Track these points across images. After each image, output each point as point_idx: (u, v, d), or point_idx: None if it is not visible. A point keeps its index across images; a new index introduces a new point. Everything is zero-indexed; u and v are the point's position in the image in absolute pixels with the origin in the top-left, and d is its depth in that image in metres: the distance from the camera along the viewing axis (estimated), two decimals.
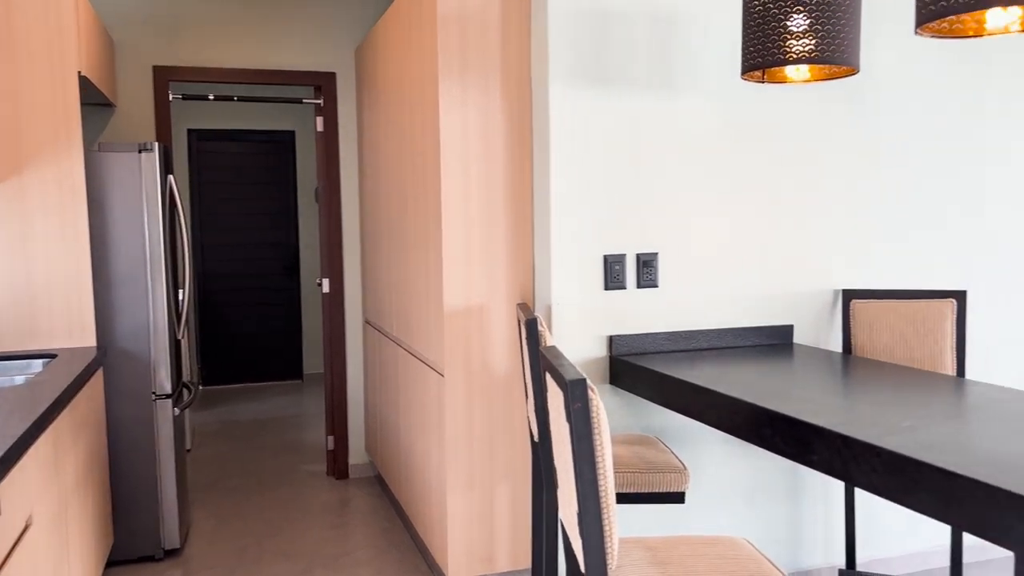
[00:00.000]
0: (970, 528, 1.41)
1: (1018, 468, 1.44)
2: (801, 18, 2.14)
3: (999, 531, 1.35)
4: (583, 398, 1.38)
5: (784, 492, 2.92)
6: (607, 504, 1.40)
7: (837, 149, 2.88)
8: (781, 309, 2.86)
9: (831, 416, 1.82)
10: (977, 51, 3.00)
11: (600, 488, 1.39)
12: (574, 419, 1.38)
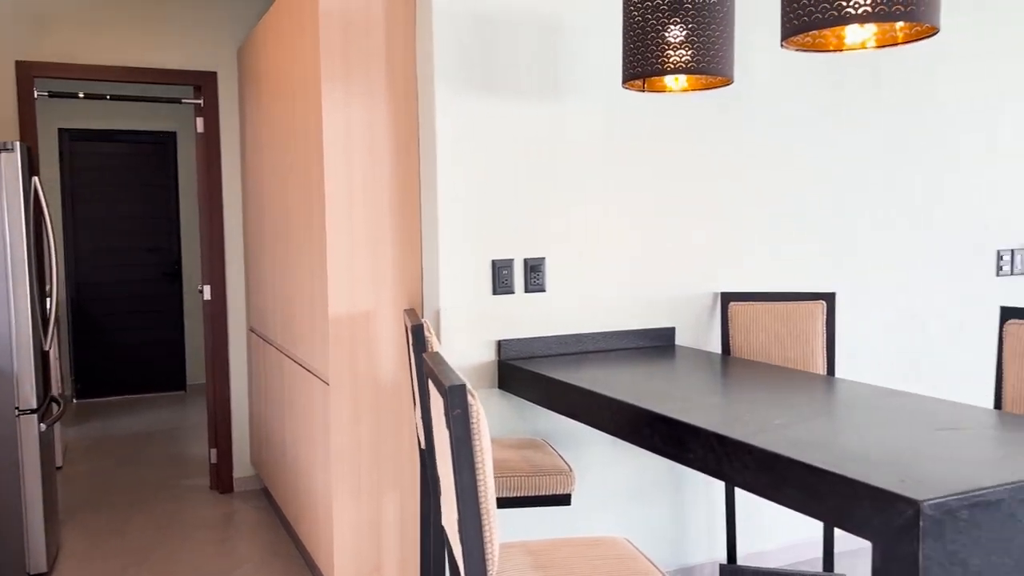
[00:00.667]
0: (834, 521, 1.47)
1: (876, 462, 1.51)
2: (678, 30, 2.20)
3: (858, 523, 1.41)
4: (462, 404, 1.37)
5: (669, 491, 2.99)
6: (487, 510, 1.39)
7: (718, 157, 2.98)
8: (664, 312, 2.94)
9: (707, 415, 1.87)
10: (838, 63, 3.16)
11: (480, 494, 1.39)
12: (453, 425, 1.37)
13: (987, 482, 1.38)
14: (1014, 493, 1.38)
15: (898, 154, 3.28)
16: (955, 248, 3.41)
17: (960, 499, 1.33)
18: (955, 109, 3.36)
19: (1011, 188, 3.51)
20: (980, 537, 1.35)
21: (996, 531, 1.36)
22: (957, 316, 3.44)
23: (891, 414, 1.88)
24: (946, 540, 1.32)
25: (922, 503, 1.30)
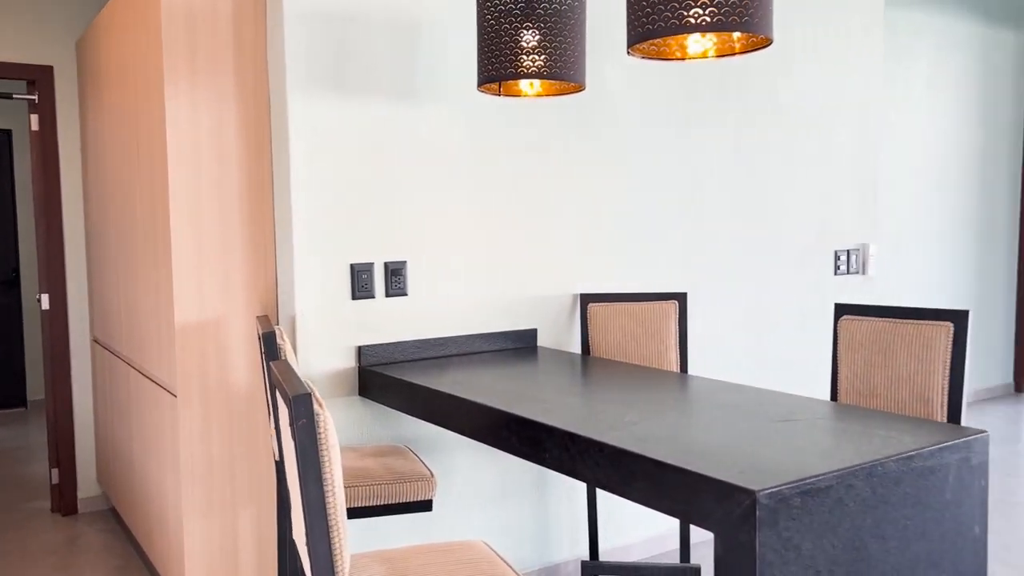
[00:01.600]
0: (680, 514, 1.52)
1: (719, 455, 1.57)
2: (531, 35, 2.23)
3: (702, 515, 1.46)
4: (308, 414, 1.33)
5: (533, 492, 3.02)
6: (336, 522, 1.35)
7: (576, 161, 3.03)
8: (526, 314, 2.96)
9: (562, 415, 1.90)
10: (688, 73, 3.29)
11: (328, 506, 1.34)
12: (299, 436, 1.32)
13: (817, 470, 1.46)
14: (842, 479, 1.46)
15: (745, 160, 3.44)
16: (797, 249, 3.62)
17: (793, 487, 1.40)
18: (795, 118, 3.57)
19: (845, 193, 3.75)
20: (812, 522, 1.42)
21: (826, 516, 1.44)
22: (799, 313, 3.64)
23: (735, 408, 1.96)
24: (780, 527, 1.38)
25: (758, 493, 1.35)
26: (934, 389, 2.35)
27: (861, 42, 3.74)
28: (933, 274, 5.63)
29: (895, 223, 5.40)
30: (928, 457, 1.60)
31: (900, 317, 2.40)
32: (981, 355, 5.98)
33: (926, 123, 5.48)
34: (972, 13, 5.66)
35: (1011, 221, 6.08)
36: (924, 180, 5.51)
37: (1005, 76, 5.92)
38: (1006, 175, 6.01)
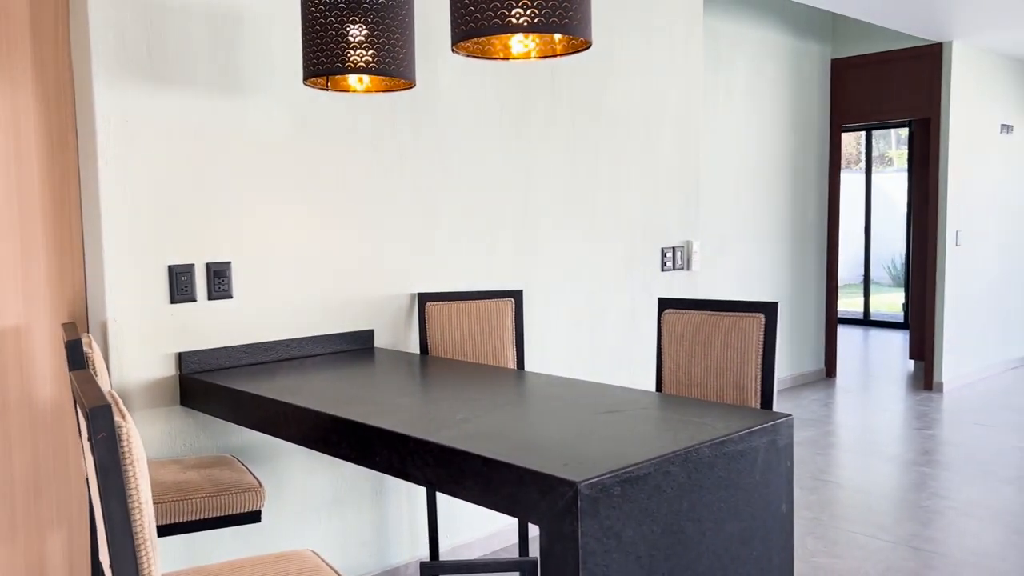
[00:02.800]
0: (508, 509, 1.53)
1: (545, 449, 1.59)
2: (358, 29, 2.18)
3: (528, 509, 1.48)
4: (108, 427, 1.23)
5: (370, 496, 2.97)
6: (144, 541, 1.26)
7: (410, 158, 3.00)
8: (362, 314, 2.91)
9: (393, 417, 1.87)
10: (521, 73, 3.34)
11: (134, 524, 1.26)
12: (98, 450, 1.23)
13: (637, 458, 1.51)
14: (659, 466, 1.52)
15: (576, 160, 3.53)
16: (626, 247, 3.75)
17: (613, 477, 1.44)
18: (622, 120, 3.70)
19: (670, 193, 3.93)
20: (632, 510, 1.47)
21: (645, 502, 1.50)
22: (629, 308, 3.78)
23: (565, 402, 2.00)
24: (601, 516, 1.42)
25: (579, 484, 1.38)
26: (748, 377, 2.50)
27: (683, 49, 3.93)
28: (753, 269, 6.01)
29: (718, 222, 5.72)
30: (739, 441, 1.70)
31: (717, 310, 2.54)
32: (797, 344, 6.44)
33: (744, 128, 5.84)
34: (784, 26, 6.09)
35: (820, 220, 6.59)
36: (744, 182, 5.87)
37: (813, 85, 6.41)
38: (815, 177, 6.51)
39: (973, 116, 6.30)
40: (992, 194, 6.63)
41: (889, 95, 6.35)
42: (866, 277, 9.98)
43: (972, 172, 6.36)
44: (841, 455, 4.63)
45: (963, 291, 6.36)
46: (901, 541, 3.39)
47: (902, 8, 5.09)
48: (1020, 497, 3.88)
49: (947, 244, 6.14)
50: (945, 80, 6.02)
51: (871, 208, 9.65)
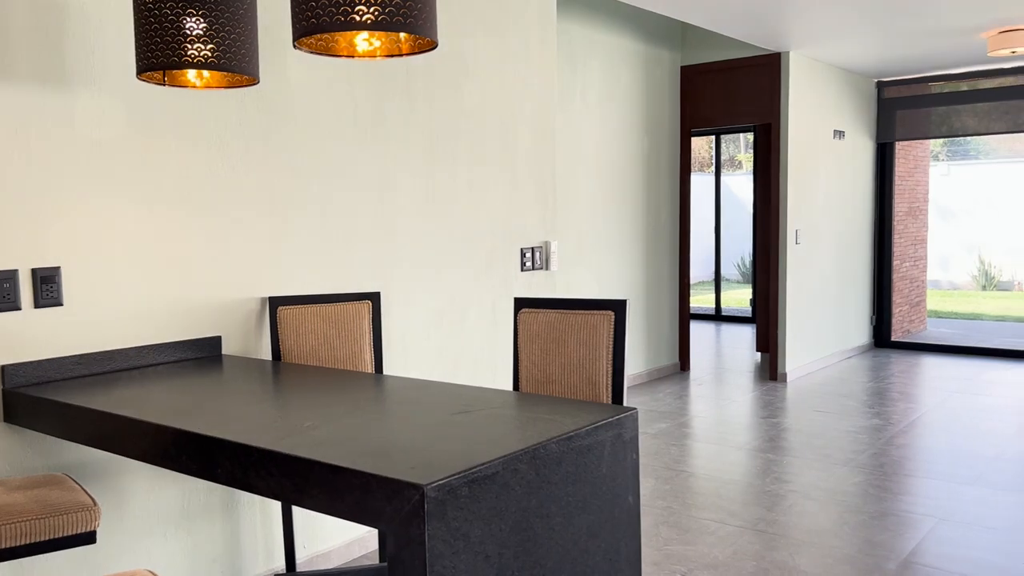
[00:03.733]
0: (355, 517, 1.50)
1: (394, 453, 1.57)
2: (195, 22, 2.09)
3: (375, 515, 1.45)
4: None
5: (222, 509, 2.85)
6: None
7: (259, 157, 2.90)
8: (208, 321, 2.79)
9: (237, 426, 1.80)
10: (376, 72, 3.30)
11: None
12: None
13: (484, 458, 1.51)
14: (507, 464, 1.53)
15: (435, 161, 3.52)
16: (486, 247, 3.78)
17: (461, 478, 1.44)
18: (480, 122, 3.72)
19: (528, 194, 3.98)
20: (480, 510, 1.47)
21: (493, 502, 1.50)
22: (490, 309, 3.81)
23: (419, 405, 1.98)
24: (449, 518, 1.41)
25: (426, 487, 1.37)
26: (600, 372, 2.56)
27: (538, 51, 4.00)
28: (610, 268, 6.19)
29: (577, 222, 5.85)
30: (586, 436, 1.73)
31: (570, 308, 2.59)
32: (653, 340, 6.68)
33: (600, 131, 6.00)
34: (636, 32, 6.30)
35: (672, 220, 6.86)
36: (601, 183, 6.04)
37: (663, 90, 6.66)
38: (668, 179, 6.77)
39: (809, 122, 6.73)
40: (827, 195, 7.10)
41: (735, 101, 6.69)
42: (717, 274, 10.48)
43: (809, 175, 6.79)
44: (694, 445, 4.83)
45: (803, 286, 6.78)
46: (748, 525, 3.57)
47: (743, 19, 5.38)
48: (852, 477, 4.18)
49: (788, 242, 6.53)
50: (784, 88, 6.40)
51: (721, 209, 10.14)
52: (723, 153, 17.49)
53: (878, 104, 7.82)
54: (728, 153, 17.51)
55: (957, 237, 13.86)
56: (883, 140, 7.87)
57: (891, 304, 8.08)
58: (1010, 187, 13.07)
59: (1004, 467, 4.29)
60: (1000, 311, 11.14)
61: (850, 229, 7.57)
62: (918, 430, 5.07)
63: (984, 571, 3.10)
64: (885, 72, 7.45)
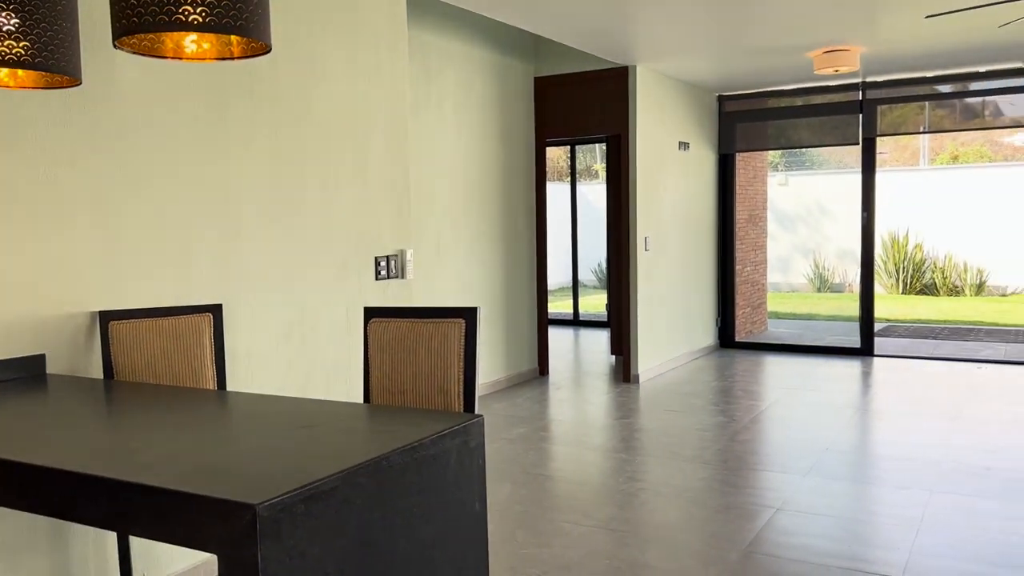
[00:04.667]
0: (186, 541, 1.42)
1: (227, 472, 1.51)
2: (5, 17, 1.94)
3: (206, 539, 1.39)
4: None
5: (48, 537, 2.65)
6: None
7: (87, 163, 2.72)
8: (28, 338, 2.59)
9: (57, 451, 1.67)
10: (217, 75, 3.17)
11: None
12: None
13: (322, 473, 1.47)
14: (346, 479, 1.50)
15: (283, 169, 3.42)
16: (339, 256, 3.70)
17: (296, 495, 1.39)
18: (331, 129, 3.65)
19: (382, 202, 3.94)
20: (318, 526, 1.43)
21: (332, 518, 1.46)
22: (344, 319, 3.73)
23: (259, 420, 1.91)
24: (284, 537, 1.37)
25: (258, 506, 1.32)
26: (452, 381, 2.56)
27: (389, 58, 3.97)
28: (470, 276, 6.21)
29: (435, 230, 5.84)
30: (430, 446, 1.72)
31: (420, 317, 2.58)
32: (513, 346, 6.76)
33: (456, 139, 6.03)
34: (490, 43, 6.37)
35: (529, 228, 6.97)
36: (458, 191, 6.06)
37: (518, 100, 6.77)
38: (524, 188, 6.88)
39: (656, 134, 7.01)
40: (674, 204, 7.42)
41: (587, 112, 6.88)
42: (574, 280, 10.74)
43: (657, 185, 7.07)
44: (551, 448, 4.92)
45: (653, 291, 7.05)
46: (601, 525, 3.67)
47: (592, 33, 5.54)
48: (698, 472, 4.37)
49: (638, 249, 6.78)
50: (632, 100, 6.64)
51: (577, 217, 10.40)
52: (581, 163, 17.97)
53: (719, 117, 8.25)
54: (585, 163, 18.01)
55: (794, 242, 14.81)
56: (725, 151, 8.31)
57: (735, 306, 8.53)
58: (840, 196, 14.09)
59: (835, 458, 4.61)
60: (833, 311, 11.98)
61: (696, 236, 7.94)
62: (759, 425, 5.37)
63: (816, 556, 3.31)
64: (725, 87, 7.87)
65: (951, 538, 3.43)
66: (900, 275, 13.68)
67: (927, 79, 7.31)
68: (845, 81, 7.53)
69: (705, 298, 8.18)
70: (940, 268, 13.50)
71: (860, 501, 3.93)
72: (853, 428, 5.25)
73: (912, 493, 3.97)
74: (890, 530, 3.55)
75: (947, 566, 3.16)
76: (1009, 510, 3.71)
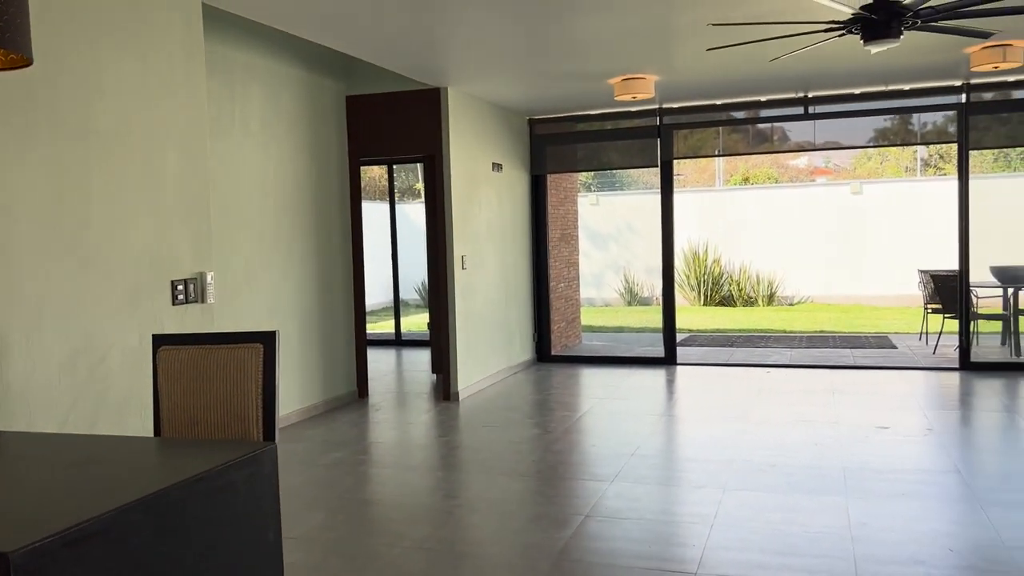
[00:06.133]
0: None
1: None
2: None
3: None
4: None
5: None
6: None
7: None
8: None
9: None
10: None
11: None
12: None
13: (89, 514, 1.39)
14: (118, 518, 1.42)
15: (65, 184, 3.19)
16: (130, 282, 3.49)
17: (57, 539, 1.30)
18: (120, 146, 3.44)
19: (178, 223, 3.76)
20: (84, 572, 1.35)
21: (102, 560, 1.38)
22: (138, 348, 3.52)
23: (30, 461, 1.77)
24: None
25: (11, 554, 1.23)
26: (250, 408, 2.47)
27: (185, 73, 3.80)
28: (284, 297, 6.04)
29: (244, 252, 5.64)
30: (216, 477, 1.66)
31: (215, 343, 2.48)
32: (330, 369, 6.62)
33: (264, 158, 5.86)
34: (298, 60, 6.25)
35: (345, 248, 6.88)
36: (268, 211, 5.88)
37: (330, 119, 6.69)
38: (339, 206, 6.79)
39: (470, 155, 7.14)
40: (489, 223, 7.58)
41: (402, 132, 6.91)
42: (396, 300, 10.69)
43: (472, 204, 7.20)
44: (368, 471, 4.86)
45: (471, 309, 7.15)
46: (415, 545, 3.66)
47: (402, 54, 5.58)
48: (512, 485, 4.47)
49: (456, 267, 6.86)
50: (445, 121, 6.73)
51: (397, 236, 10.38)
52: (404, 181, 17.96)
53: (531, 139, 8.53)
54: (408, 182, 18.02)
55: (606, 259, 15.52)
56: (536, 172, 8.60)
57: (550, 322, 8.81)
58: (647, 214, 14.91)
59: (639, 462, 4.86)
60: (642, 323, 12.65)
61: (512, 254, 8.14)
62: (571, 436, 5.57)
63: (622, 558, 3.47)
64: (535, 110, 8.16)
65: (740, 532, 3.70)
66: (701, 288, 14.67)
67: (723, 106, 7.92)
68: (645, 107, 8.01)
69: (522, 314, 8.39)
70: (736, 281, 14.60)
71: (661, 503, 4.17)
72: (656, 433, 5.56)
73: (707, 492, 4.26)
74: (687, 528, 3.79)
75: (736, 559, 3.41)
76: (790, 503, 4.06)
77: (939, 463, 4.64)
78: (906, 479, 4.36)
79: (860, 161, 17.60)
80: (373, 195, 16.57)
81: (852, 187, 14.55)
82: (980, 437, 5.34)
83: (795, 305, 14.26)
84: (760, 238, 14.44)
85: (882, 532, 3.62)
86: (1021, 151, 14.87)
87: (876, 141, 8.05)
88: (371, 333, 10.27)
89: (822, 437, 5.26)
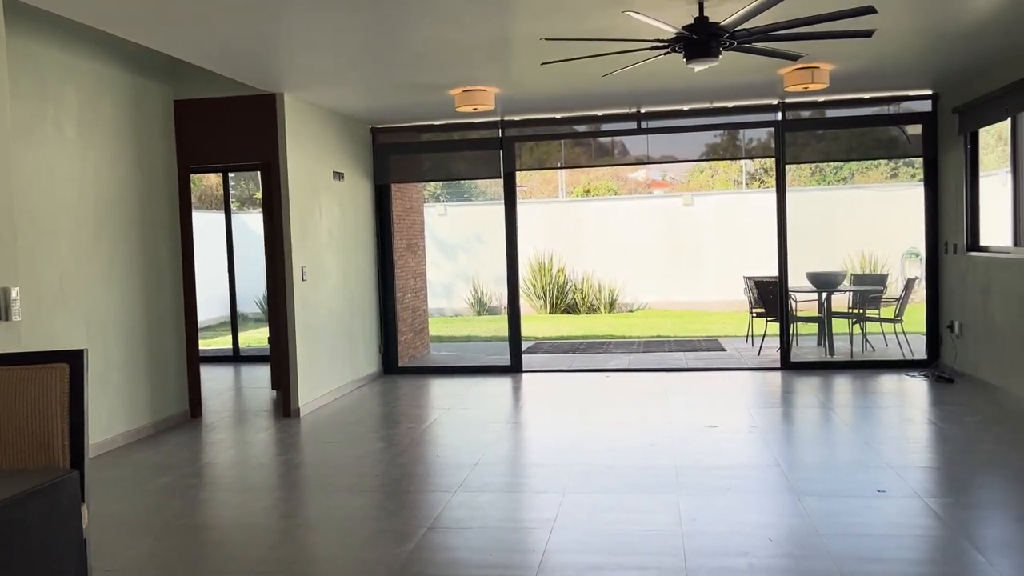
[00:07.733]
0: None
1: None
2: None
3: None
4: None
5: None
6: None
7: None
8: None
9: None
10: None
11: None
12: None
13: None
14: None
15: None
16: None
17: None
18: None
19: None
20: None
21: None
22: None
23: None
24: None
25: None
26: (54, 434, 2.27)
27: None
28: (105, 313, 5.64)
29: (58, 265, 5.23)
30: (5, 512, 1.52)
31: (12, 363, 2.27)
32: (159, 388, 6.25)
33: (81, 165, 5.46)
34: (120, 61, 5.88)
35: (175, 260, 6.53)
36: (86, 221, 5.49)
37: (156, 124, 6.33)
38: (167, 215, 6.43)
39: (308, 163, 6.96)
40: (331, 233, 7.41)
41: (236, 139, 6.63)
42: (233, 314, 10.25)
43: (312, 213, 7.02)
44: (200, 495, 4.62)
45: (312, 321, 6.96)
46: (250, 568, 3.50)
47: (232, 58, 5.36)
48: (354, 501, 4.37)
49: (295, 279, 6.66)
50: (281, 128, 6.53)
51: (233, 247, 9.96)
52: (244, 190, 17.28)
53: (373, 149, 8.42)
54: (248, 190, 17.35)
55: (456, 269, 15.56)
56: (380, 182, 8.49)
57: (397, 333, 8.71)
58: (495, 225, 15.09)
59: (483, 470, 4.88)
60: (491, 332, 12.75)
61: (355, 265, 8.00)
62: (416, 448, 5.52)
63: (463, 568, 3.46)
64: (377, 119, 8.07)
65: (578, 534, 3.78)
66: (547, 296, 14.99)
67: (564, 119, 8.12)
68: (488, 119, 8.10)
69: (367, 326, 8.26)
70: (579, 289, 15.02)
71: (504, 510, 4.20)
72: (500, 441, 5.61)
73: (548, 496, 4.33)
74: (528, 534, 3.83)
75: (574, 561, 3.48)
76: (626, 503, 4.19)
77: (762, 458, 4.94)
78: (732, 474, 4.61)
79: (693, 174, 18.57)
80: (210, 204, 15.87)
81: (684, 199, 15.33)
82: (798, 432, 5.73)
83: (634, 312, 14.83)
84: (602, 248, 14.93)
85: (710, 526, 3.81)
86: (835, 166, 16.19)
87: (707, 155, 8.53)
88: (206, 349, 9.79)
89: (656, 437, 5.48)
